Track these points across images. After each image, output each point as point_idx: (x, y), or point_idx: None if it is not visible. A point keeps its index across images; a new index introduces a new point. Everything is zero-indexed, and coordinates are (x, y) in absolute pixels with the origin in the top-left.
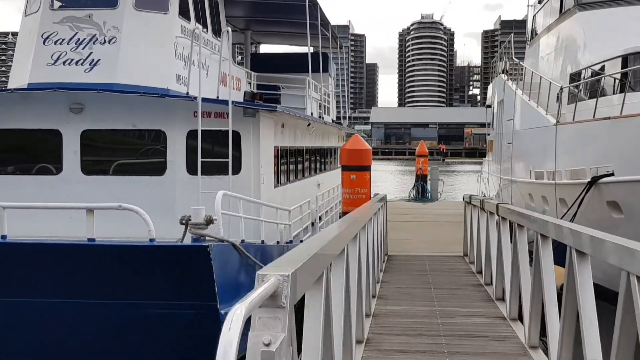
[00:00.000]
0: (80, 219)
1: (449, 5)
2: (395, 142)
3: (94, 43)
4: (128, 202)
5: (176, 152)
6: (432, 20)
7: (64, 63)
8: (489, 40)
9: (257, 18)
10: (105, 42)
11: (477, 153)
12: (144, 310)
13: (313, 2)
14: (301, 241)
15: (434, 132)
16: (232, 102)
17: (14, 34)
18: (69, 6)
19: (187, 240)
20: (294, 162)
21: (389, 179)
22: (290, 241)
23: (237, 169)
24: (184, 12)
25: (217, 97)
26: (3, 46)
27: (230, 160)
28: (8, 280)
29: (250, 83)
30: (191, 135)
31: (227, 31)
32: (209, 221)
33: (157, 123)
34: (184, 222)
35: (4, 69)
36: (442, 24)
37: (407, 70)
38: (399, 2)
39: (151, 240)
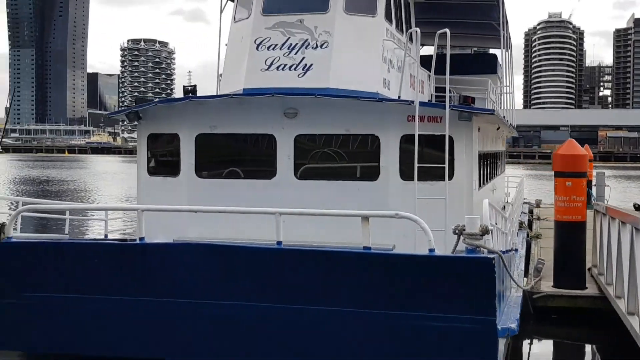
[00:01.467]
0: (293, 223)
1: (578, 3)
2: (523, 145)
3: (306, 48)
4: (340, 207)
5: (389, 157)
6: (560, 19)
7: (277, 68)
8: (622, 39)
9: (440, 19)
10: (317, 46)
11: (612, 157)
12: (412, 321)
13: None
14: (515, 250)
15: (565, 135)
16: (450, 105)
17: (146, 41)
18: (280, 12)
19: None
20: (483, 167)
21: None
22: (512, 249)
23: (450, 175)
24: (387, 15)
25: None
26: (135, 52)
27: (447, 165)
28: (283, 286)
29: (429, 85)
30: (405, 139)
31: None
32: (485, 232)
33: (370, 128)
34: (457, 231)
35: (136, 74)
36: (570, 23)
37: (533, 70)
38: (524, 1)
39: (430, 250)
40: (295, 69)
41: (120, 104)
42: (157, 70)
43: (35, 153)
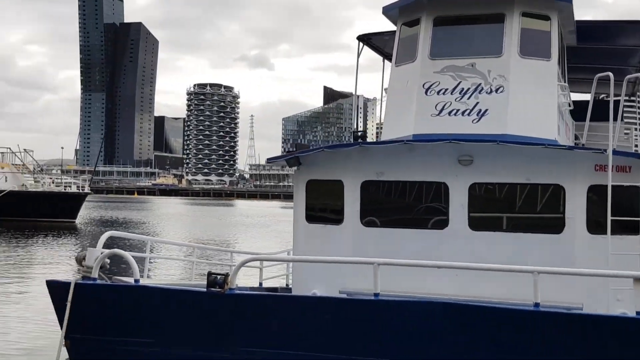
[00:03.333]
0: (467, 277)
1: None
2: None
3: (479, 92)
4: (520, 262)
5: (575, 209)
6: None
7: (449, 113)
8: None
9: (586, 65)
10: (491, 91)
11: None
12: None
13: None
14: None
15: None
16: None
17: (211, 85)
18: (450, 56)
19: None
20: None
21: None
22: None
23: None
24: (558, 59)
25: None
26: (201, 96)
27: None
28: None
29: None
30: (592, 190)
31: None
32: None
33: (553, 177)
34: None
35: (201, 117)
36: None
37: None
38: None
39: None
40: (469, 114)
41: (185, 146)
42: (222, 113)
43: (106, 194)
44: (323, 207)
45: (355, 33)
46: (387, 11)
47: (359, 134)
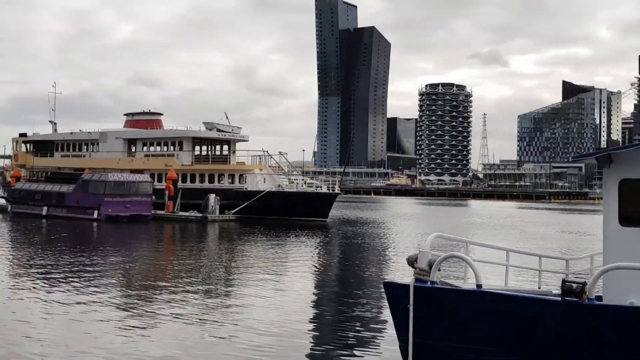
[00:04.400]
0: None
1: None
2: None
3: None
4: None
5: None
6: None
7: None
8: None
9: None
10: None
11: None
12: None
13: None
14: None
15: None
16: None
17: (443, 85)
18: None
19: None
20: None
21: None
22: None
23: None
24: None
25: None
26: (433, 97)
27: None
28: None
29: None
30: None
31: None
32: None
33: None
34: None
35: (433, 118)
36: None
37: None
38: None
39: None
40: None
41: (418, 147)
42: (454, 113)
43: (344, 194)
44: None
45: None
46: None
47: None
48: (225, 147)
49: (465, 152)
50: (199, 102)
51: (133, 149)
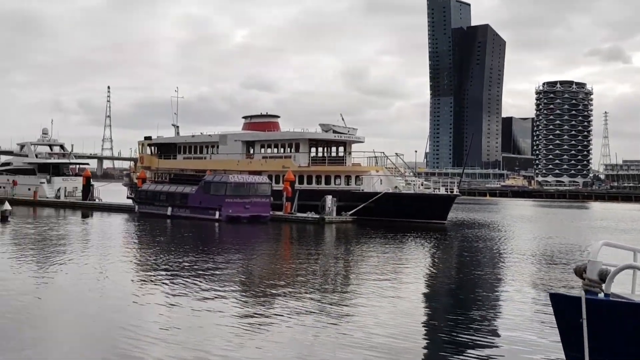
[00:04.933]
0: None
1: None
2: None
3: None
4: None
5: None
6: None
7: None
8: None
9: None
10: None
11: None
12: None
13: None
14: None
15: None
16: None
17: (562, 83)
18: None
19: None
20: None
21: None
22: None
23: None
24: None
25: None
26: (551, 95)
27: None
28: None
29: None
30: None
31: None
32: None
33: None
34: None
35: (551, 117)
36: None
37: None
38: None
39: None
40: None
41: (535, 147)
42: (573, 111)
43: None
44: None
45: None
46: None
47: None
48: (341, 148)
49: (585, 152)
50: (310, 105)
51: (251, 151)
